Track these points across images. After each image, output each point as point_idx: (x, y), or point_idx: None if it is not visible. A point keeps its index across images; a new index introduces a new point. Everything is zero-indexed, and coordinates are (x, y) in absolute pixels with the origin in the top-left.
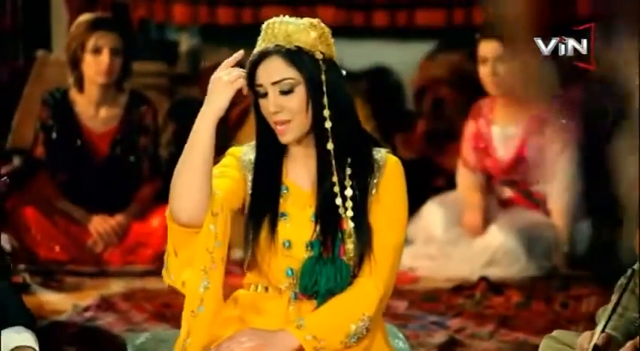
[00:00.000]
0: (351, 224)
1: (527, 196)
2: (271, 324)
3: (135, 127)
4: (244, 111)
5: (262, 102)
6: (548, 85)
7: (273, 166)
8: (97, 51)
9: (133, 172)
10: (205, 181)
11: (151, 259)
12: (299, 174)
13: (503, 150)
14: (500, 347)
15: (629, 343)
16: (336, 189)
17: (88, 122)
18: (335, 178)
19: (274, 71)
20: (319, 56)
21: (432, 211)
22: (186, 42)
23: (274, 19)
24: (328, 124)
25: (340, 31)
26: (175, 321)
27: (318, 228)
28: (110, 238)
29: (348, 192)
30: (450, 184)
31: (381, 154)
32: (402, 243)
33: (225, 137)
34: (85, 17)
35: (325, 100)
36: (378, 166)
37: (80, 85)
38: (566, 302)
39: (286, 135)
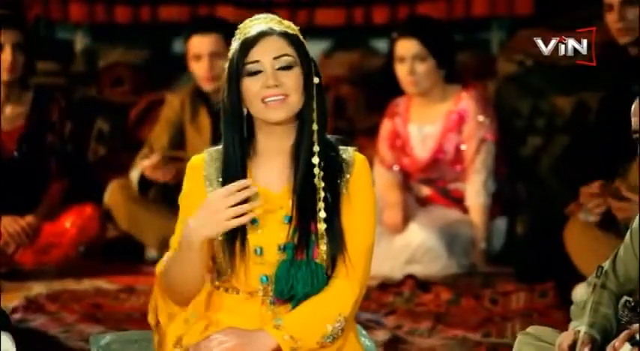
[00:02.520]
0: (324, 226)
1: (444, 194)
2: (244, 324)
3: (42, 124)
4: (143, 110)
5: (251, 80)
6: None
7: (239, 172)
8: None
9: (41, 171)
10: (200, 278)
11: (63, 259)
12: (268, 175)
13: (421, 148)
14: (444, 344)
15: (624, 333)
16: (318, 189)
17: None
18: (318, 177)
19: (275, 48)
20: (310, 54)
21: None
22: (80, 41)
23: (257, 15)
24: (314, 117)
25: None
26: (108, 322)
27: (291, 230)
28: (21, 239)
29: (321, 192)
30: None
31: (348, 152)
32: (374, 242)
33: (127, 136)
34: None
35: (314, 86)
36: (346, 165)
37: None
38: (495, 299)
39: (280, 111)
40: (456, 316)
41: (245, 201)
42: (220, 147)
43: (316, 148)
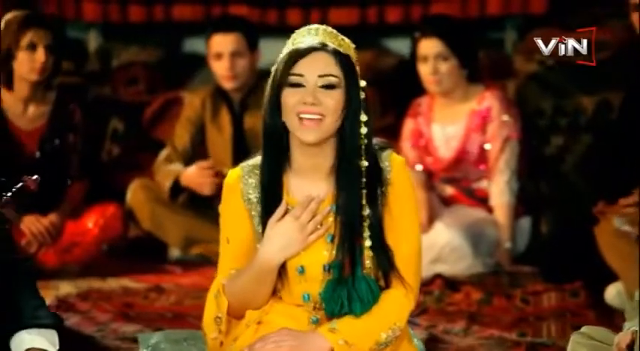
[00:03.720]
0: (368, 242)
1: (468, 193)
2: (295, 326)
3: (63, 124)
4: (158, 110)
5: (291, 92)
6: None
7: (278, 188)
8: (31, 47)
9: (62, 171)
10: (270, 294)
11: (85, 258)
12: (304, 187)
13: (444, 148)
14: (482, 343)
15: (630, 330)
16: (364, 205)
17: (15, 120)
18: (364, 199)
19: (322, 65)
20: (358, 72)
21: None
22: (94, 40)
23: (315, 25)
24: (364, 130)
25: None
26: (141, 321)
27: (336, 249)
28: (44, 238)
29: (366, 208)
30: None
31: (385, 158)
32: (421, 247)
33: (142, 136)
34: (14, 14)
35: (363, 112)
36: (385, 174)
37: (9, 82)
38: (526, 298)
39: (313, 132)
40: (488, 316)
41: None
42: (254, 161)
43: (363, 172)
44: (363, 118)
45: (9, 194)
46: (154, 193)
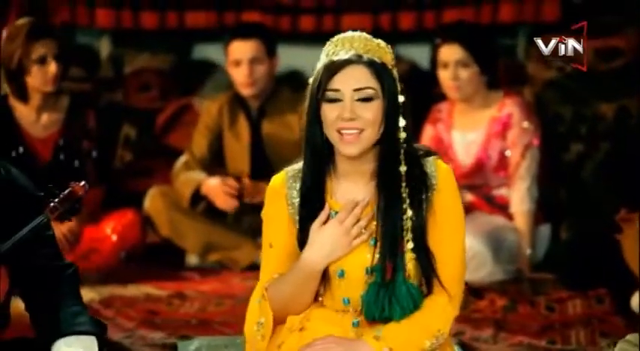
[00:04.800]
0: (411, 245)
1: (488, 200)
2: (338, 333)
3: (77, 131)
4: (171, 116)
5: (329, 107)
6: None
7: (319, 192)
8: (42, 61)
9: (77, 178)
10: (313, 298)
11: (103, 265)
12: (347, 192)
13: (464, 154)
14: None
15: None
16: (405, 209)
17: (29, 128)
18: (405, 203)
19: (358, 78)
20: (396, 75)
21: None
22: (105, 47)
23: (349, 33)
24: (403, 135)
25: None
26: (167, 328)
27: (377, 253)
28: (62, 245)
29: (409, 212)
30: None
31: (430, 164)
32: (464, 254)
33: (154, 142)
34: (20, 24)
35: (401, 117)
36: (430, 180)
37: (22, 94)
38: (551, 306)
39: (353, 146)
40: (515, 323)
41: None
42: (299, 165)
43: (403, 176)
44: (402, 123)
45: (56, 200)
46: (172, 200)
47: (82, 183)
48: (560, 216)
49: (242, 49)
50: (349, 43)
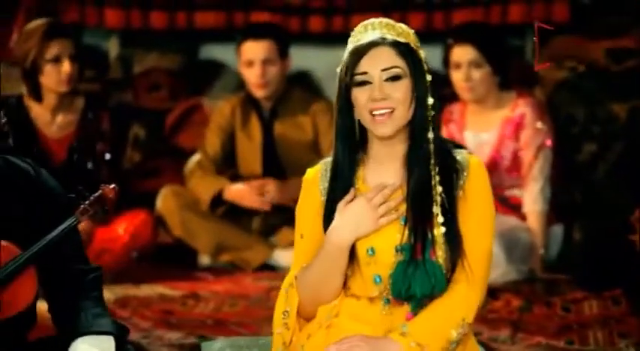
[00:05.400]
0: (442, 229)
1: (501, 200)
2: (365, 330)
3: (92, 132)
4: (180, 116)
5: (359, 91)
6: None
7: (349, 176)
8: (57, 60)
9: (91, 179)
10: (341, 284)
11: (115, 265)
12: (381, 180)
13: (477, 155)
14: None
15: None
16: (435, 193)
17: (44, 128)
18: (434, 180)
19: (384, 59)
20: (422, 56)
21: None
22: (114, 47)
23: (371, 19)
24: (431, 113)
25: None
26: (184, 328)
27: (407, 231)
28: None
29: (439, 190)
30: None
31: (462, 155)
32: (492, 243)
33: (163, 142)
34: (35, 25)
35: (429, 95)
36: (461, 168)
37: (37, 94)
38: (567, 306)
39: (386, 126)
40: (532, 324)
41: None
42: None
43: (432, 154)
44: (430, 101)
45: (87, 203)
46: (184, 200)
47: (112, 185)
48: (572, 216)
49: (255, 50)
50: (372, 27)
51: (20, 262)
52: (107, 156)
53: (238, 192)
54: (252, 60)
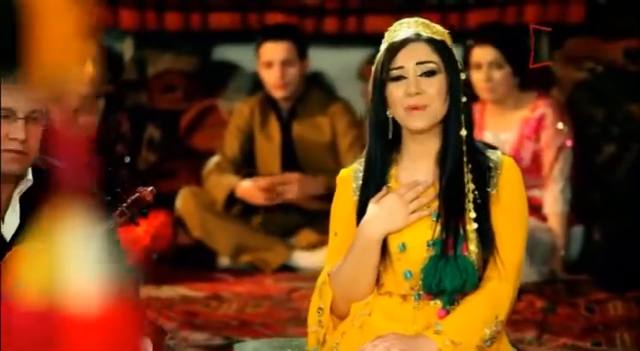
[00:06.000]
0: (474, 225)
1: None
2: (398, 328)
3: (112, 134)
4: (195, 118)
5: (394, 86)
6: None
7: (382, 174)
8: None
9: (111, 181)
10: (374, 280)
11: (135, 267)
12: (413, 177)
13: None
14: None
15: None
16: (467, 191)
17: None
18: (467, 177)
19: (419, 53)
20: (455, 53)
21: None
22: (128, 48)
23: (406, 19)
24: (465, 111)
25: None
26: (208, 329)
27: (439, 227)
28: None
29: (471, 186)
30: None
31: (496, 154)
32: (525, 242)
33: (178, 144)
34: None
35: (462, 94)
36: (495, 166)
37: None
38: (591, 307)
39: (420, 120)
40: (557, 325)
41: None
42: None
43: (464, 152)
44: (463, 99)
45: (124, 205)
46: (203, 201)
47: (150, 188)
48: (592, 217)
49: (274, 51)
50: (407, 25)
51: None
52: (127, 159)
53: (245, 191)
54: (271, 61)
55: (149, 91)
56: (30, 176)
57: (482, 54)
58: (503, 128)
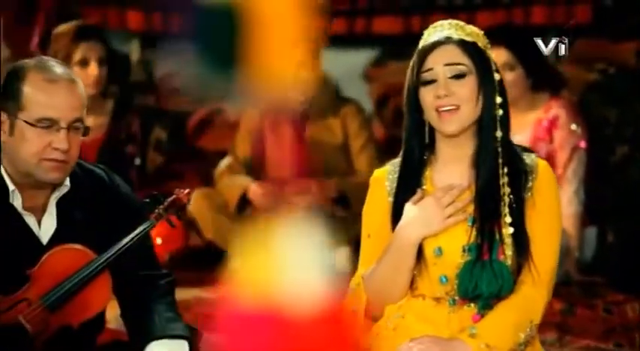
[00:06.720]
0: (510, 229)
1: None
2: (432, 330)
3: (122, 135)
4: (202, 119)
5: (426, 90)
6: None
7: (417, 177)
8: (84, 63)
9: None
10: (408, 283)
11: None
12: (448, 180)
13: None
14: None
15: None
16: (503, 194)
17: None
18: (502, 180)
19: (448, 55)
20: (490, 55)
21: None
22: (136, 50)
23: (440, 21)
24: (499, 112)
25: None
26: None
27: (475, 232)
28: None
29: (507, 190)
30: None
31: (531, 158)
32: (559, 245)
33: (185, 145)
34: (66, 27)
35: (497, 94)
36: (530, 170)
37: None
38: (609, 308)
39: (452, 123)
40: (577, 326)
41: None
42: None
43: (500, 155)
44: (498, 100)
45: (161, 207)
46: (215, 203)
47: (187, 190)
48: (606, 218)
49: None
50: (441, 28)
51: (95, 267)
52: (137, 160)
53: (254, 192)
54: None
55: (156, 93)
56: (67, 182)
57: (495, 56)
58: (516, 130)
